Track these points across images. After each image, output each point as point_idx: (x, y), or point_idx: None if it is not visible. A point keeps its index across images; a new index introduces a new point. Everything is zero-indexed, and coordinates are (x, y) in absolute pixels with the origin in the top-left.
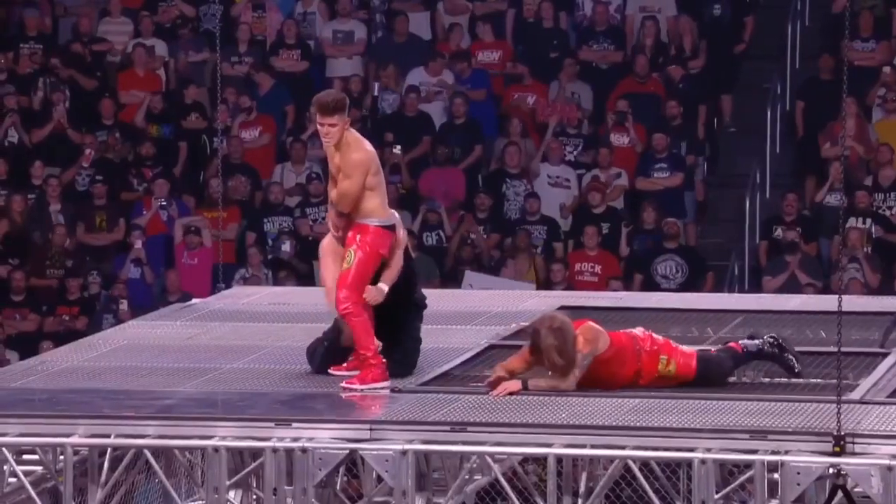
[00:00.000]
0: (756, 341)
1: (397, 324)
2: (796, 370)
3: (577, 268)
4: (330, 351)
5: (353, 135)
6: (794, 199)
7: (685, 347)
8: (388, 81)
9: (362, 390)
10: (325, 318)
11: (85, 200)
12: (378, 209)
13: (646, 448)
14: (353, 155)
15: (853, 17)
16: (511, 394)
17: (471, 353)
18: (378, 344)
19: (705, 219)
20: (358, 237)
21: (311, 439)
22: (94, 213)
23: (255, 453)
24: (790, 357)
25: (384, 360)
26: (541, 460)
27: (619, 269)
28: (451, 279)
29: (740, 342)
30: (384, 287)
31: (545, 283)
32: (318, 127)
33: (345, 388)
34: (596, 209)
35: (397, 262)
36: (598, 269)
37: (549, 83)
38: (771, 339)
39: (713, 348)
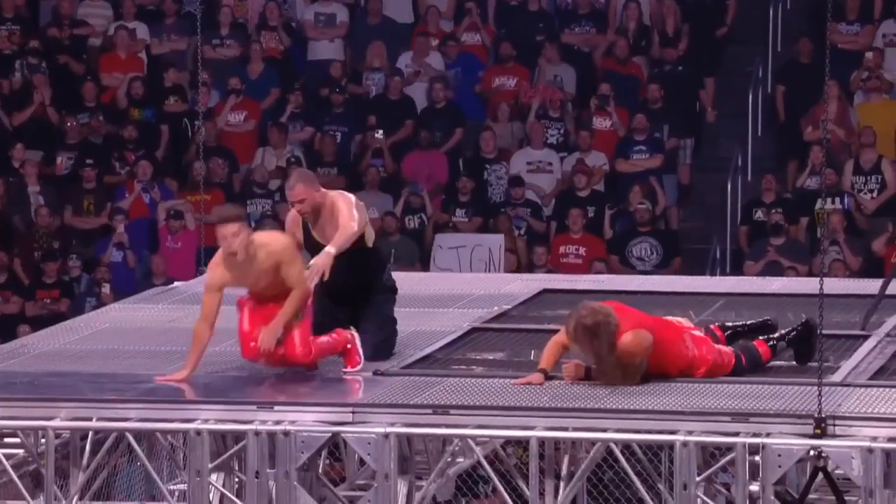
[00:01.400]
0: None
1: (373, 308)
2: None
3: (562, 250)
4: None
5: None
6: (771, 180)
7: (723, 348)
8: (373, 63)
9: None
10: None
11: (68, 184)
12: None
13: (627, 431)
14: (276, 245)
15: (839, 0)
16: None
17: (453, 336)
18: (337, 334)
19: (690, 202)
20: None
21: (293, 422)
22: (83, 197)
23: (238, 436)
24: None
25: (353, 334)
26: (522, 443)
27: (603, 251)
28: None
29: (768, 344)
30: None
31: (527, 267)
32: (222, 240)
33: (346, 373)
34: (580, 192)
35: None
36: (582, 251)
37: (532, 66)
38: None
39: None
